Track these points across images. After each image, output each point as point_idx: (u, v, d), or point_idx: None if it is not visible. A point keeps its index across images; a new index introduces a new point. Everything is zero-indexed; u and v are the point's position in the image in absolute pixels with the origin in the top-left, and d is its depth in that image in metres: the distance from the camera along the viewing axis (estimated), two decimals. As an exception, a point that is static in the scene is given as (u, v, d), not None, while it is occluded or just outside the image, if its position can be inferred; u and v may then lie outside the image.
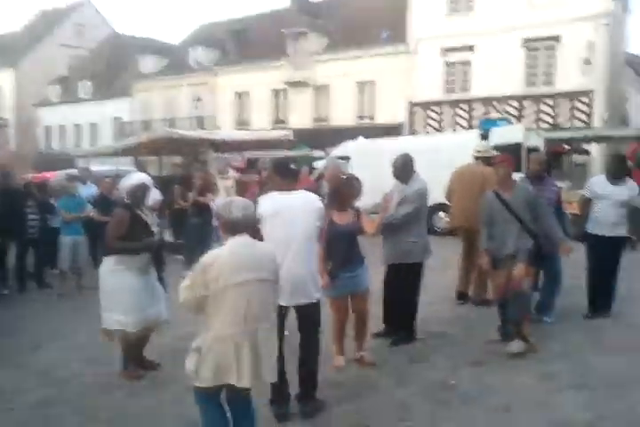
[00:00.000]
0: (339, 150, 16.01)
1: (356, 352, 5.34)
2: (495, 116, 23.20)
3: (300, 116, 29.36)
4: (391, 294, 5.95)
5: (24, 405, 4.86)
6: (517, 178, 6.16)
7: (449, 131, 24.61)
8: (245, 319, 3.39)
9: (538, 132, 14.80)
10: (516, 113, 24.09)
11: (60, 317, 7.84)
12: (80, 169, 13.36)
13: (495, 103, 24.50)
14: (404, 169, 5.83)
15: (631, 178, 6.75)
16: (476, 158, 7.52)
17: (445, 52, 25.61)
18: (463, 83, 25.78)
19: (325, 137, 23.49)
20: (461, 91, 25.86)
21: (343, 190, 5.16)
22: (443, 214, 13.30)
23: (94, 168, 14.41)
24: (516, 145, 12.19)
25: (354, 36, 28.10)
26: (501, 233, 5.52)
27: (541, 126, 22.25)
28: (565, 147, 17.04)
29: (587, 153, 18.27)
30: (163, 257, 6.05)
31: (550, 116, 23.74)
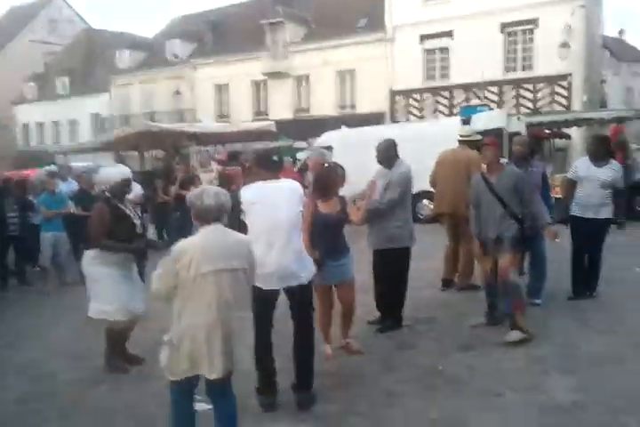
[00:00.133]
0: (321, 140, 15.91)
1: (342, 340, 5.32)
2: (476, 102, 23.25)
3: (281, 107, 29.19)
4: (381, 281, 5.92)
5: (3, 401, 4.80)
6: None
7: (430, 118, 24.61)
8: (217, 309, 3.35)
9: (519, 117, 14.81)
10: (496, 99, 24.14)
11: (42, 313, 7.74)
12: (59, 166, 13.22)
13: (475, 90, 24.52)
14: (387, 154, 5.80)
15: (614, 159, 6.70)
16: (460, 142, 7.47)
17: (423, 38, 25.59)
18: (443, 70, 25.78)
19: (307, 128, 23.39)
20: (441, 78, 25.87)
21: (326, 178, 5.09)
22: (427, 202, 13.31)
23: (74, 164, 14.25)
24: (498, 130, 12.19)
25: (331, 25, 27.96)
26: (485, 216, 5.50)
27: (522, 112, 22.30)
28: (546, 131, 17.09)
29: (567, 137, 18.33)
30: (146, 253, 5.97)
31: (530, 101, 23.82)
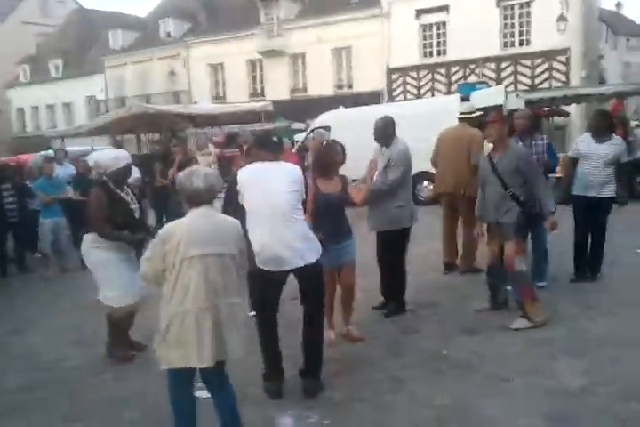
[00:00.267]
0: (319, 121, 15.81)
1: (343, 327, 5.28)
2: (473, 79, 23.07)
3: (278, 87, 28.95)
4: (384, 265, 5.86)
5: (6, 389, 4.80)
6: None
7: (428, 96, 24.43)
8: (206, 294, 3.26)
9: (518, 94, 14.68)
10: (493, 75, 23.95)
11: (44, 300, 7.74)
12: (56, 150, 13.11)
13: (473, 66, 24.30)
14: (385, 131, 5.70)
15: (616, 135, 6.53)
16: (460, 120, 7.35)
17: (419, 13, 25.28)
18: (440, 46, 25.53)
19: (304, 108, 23.22)
20: (438, 54, 25.63)
21: (325, 155, 5.02)
22: (426, 183, 13.25)
23: (70, 148, 14.15)
24: (498, 107, 12.07)
25: (325, 1, 27.69)
26: (487, 197, 5.38)
27: (519, 88, 22.14)
28: (544, 109, 16.96)
29: (566, 115, 18.18)
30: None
31: (528, 78, 23.62)
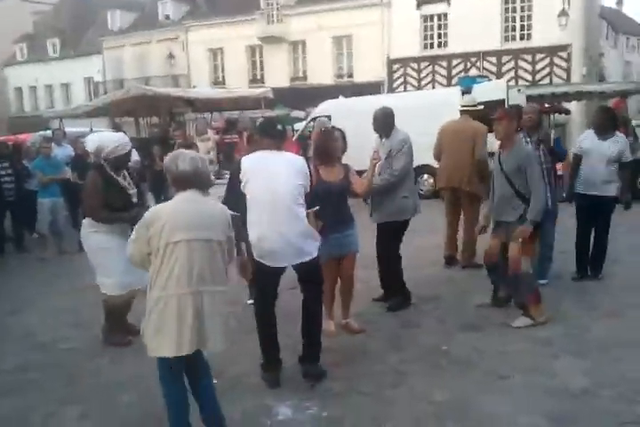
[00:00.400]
0: (319, 110, 15.75)
1: (342, 320, 5.25)
2: (474, 73, 22.98)
3: (277, 74, 28.78)
4: (384, 257, 5.82)
5: (3, 370, 4.77)
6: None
7: (428, 88, 24.35)
8: (188, 281, 3.19)
9: (520, 89, 14.62)
10: (494, 69, 23.89)
11: (41, 281, 7.70)
12: (54, 130, 13.00)
13: (474, 59, 24.22)
14: (385, 122, 5.64)
15: (620, 132, 6.48)
16: (462, 113, 7.29)
17: (420, 3, 25.17)
18: (441, 38, 25.43)
19: (304, 97, 23.11)
20: (439, 46, 25.54)
21: (324, 142, 4.96)
22: (426, 176, 13.22)
23: (69, 130, 14.02)
24: (499, 102, 12.03)
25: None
26: (495, 195, 5.31)
27: (520, 83, 22.08)
28: (545, 105, 16.92)
29: (567, 112, 18.16)
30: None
31: (529, 73, 23.58)
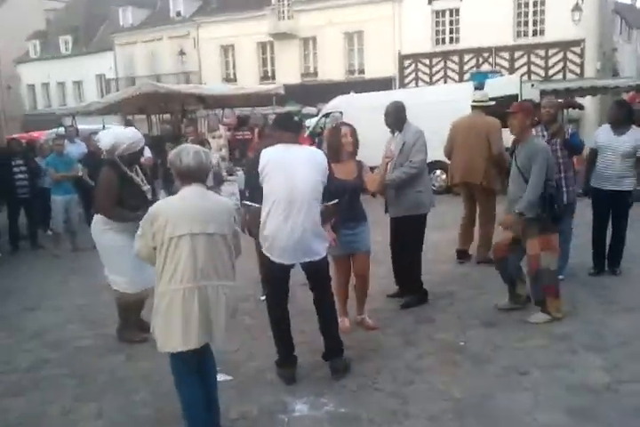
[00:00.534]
0: (331, 106, 15.71)
1: (357, 316, 5.24)
2: (487, 68, 22.85)
3: (288, 71, 28.77)
4: (399, 252, 5.78)
5: (18, 368, 4.78)
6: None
7: (440, 84, 24.23)
8: (193, 275, 3.19)
9: (533, 84, 14.50)
10: (507, 65, 23.74)
11: (56, 278, 7.75)
12: (67, 127, 13.05)
13: (486, 55, 24.07)
14: (397, 116, 5.58)
15: (637, 126, 6.33)
16: (473, 108, 7.22)
17: (432, -1, 25.00)
18: (452, 33, 25.29)
19: (315, 93, 23.11)
20: (451, 42, 25.40)
21: (331, 138, 4.95)
22: (439, 172, 13.16)
23: (81, 127, 14.08)
24: (513, 97, 11.92)
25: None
26: (511, 189, 5.22)
27: (533, 78, 21.94)
28: (559, 101, 16.77)
29: (581, 108, 17.99)
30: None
31: (542, 68, 23.41)
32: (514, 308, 5.34)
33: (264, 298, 4.63)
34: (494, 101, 7.49)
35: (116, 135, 5.10)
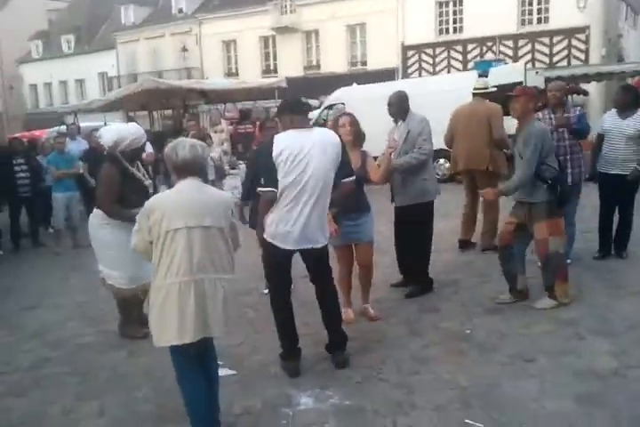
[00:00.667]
0: (333, 97, 15.65)
1: (361, 305, 5.19)
2: (490, 57, 22.69)
3: (291, 64, 28.64)
4: (405, 241, 5.71)
5: (19, 367, 4.74)
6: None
7: (444, 74, 24.08)
8: (190, 268, 3.16)
9: (538, 71, 14.36)
10: (511, 53, 23.55)
11: (57, 276, 7.74)
12: (68, 125, 13.03)
13: (490, 44, 23.89)
14: (400, 105, 5.52)
15: None
16: (474, 95, 7.18)
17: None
18: (456, 23, 25.10)
19: (318, 85, 22.98)
20: (454, 31, 25.21)
21: (332, 129, 4.81)
22: (443, 160, 13.08)
23: (83, 124, 14.04)
24: (517, 85, 11.79)
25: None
26: (516, 174, 5.11)
27: (538, 66, 21.75)
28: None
29: (585, 94, 17.81)
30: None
31: (546, 56, 23.21)
32: (516, 298, 5.24)
33: (267, 291, 4.58)
34: (495, 88, 7.42)
35: (118, 131, 5.03)
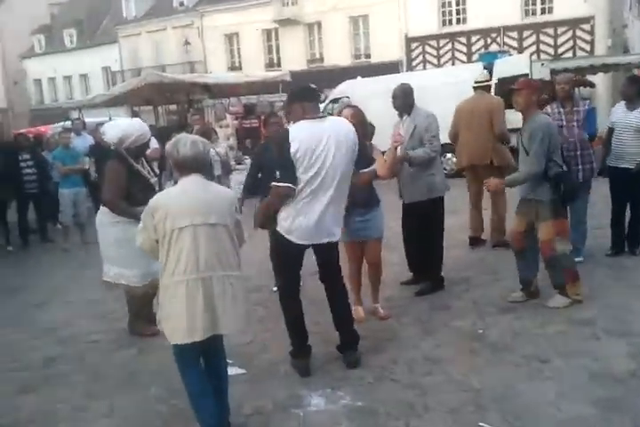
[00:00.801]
0: (337, 91, 15.56)
1: (371, 304, 5.13)
2: (495, 48, 22.53)
3: (294, 57, 28.48)
4: (414, 238, 5.65)
5: (29, 365, 4.72)
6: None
7: (448, 66, 23.95)
8: (197, 266, 3.15)
9: (543, 63, 14.25)
10: (515, 45, 23.39)
11: (66, 272, 7.74)
12: (73, 120, 12.99)
13: (494, 35, 23.72)
14: (405, 99, 5.45)
15: None
16: (475, 89, 7.15)
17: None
18: (459, 14, 24.93)
19: (321, 78, 22.76)
20: (458, 23, 25.04)
21: None
22: (450, 155, 12.98)
23: (88, 120, 14.01)
24: (523, 76, 11.69)
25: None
26: (520, 170, 5.01)
27: (542, 57, 21.62)
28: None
29: (592, 86, 17.69)
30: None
31: (551, 47, 23.06)
32: (528, 297, 5.17)
33: (277, 289, 4.53)
34: (506, 82, 7.38)
35: (123, 128, 4.98)
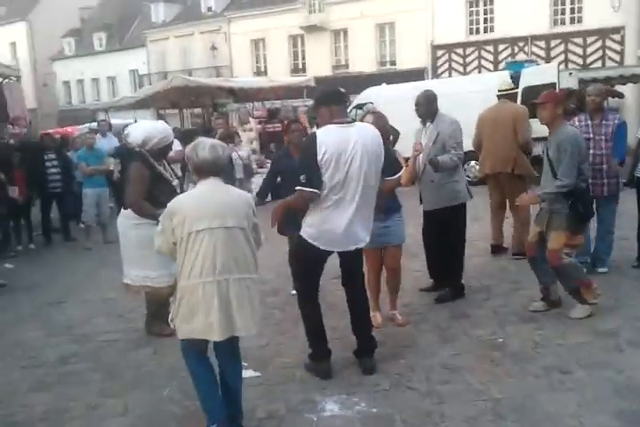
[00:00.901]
0: (362, 97, 15.53)
1: (390, 311, 5.08)
2: (522, 57, 22.36)
3: (319, 63, 28.54)
4: (434, 245, 5.59)
5: (44, 362, 4.73)
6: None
7: (474, 74, 23.82)
8: (213, 268, 3.16)
9: (571, 73, 14.08)
10: (543, 54, 23.20)
11: (86, 271, 7.80)
12: (99, 121, 13.13)
13: (521, 44, 23.56)
14: (428, 106, 5.39)
15: None
16: (499, 97, 7.07)
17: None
18: (487, 22, 24.81)
19: (346, 85, 22.69)
20: (485, 31, 24.91)
21: None
22: (474, 163, 12.89)
23: (114, 121, 14.13)
24: (550, 85, 11.58)
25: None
26: (542, 182, 4.98)
27: (570, 67, 21.40)
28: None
29: (620, 96, 17.46)
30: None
31: (579, 57, 22.82)
32: (550, 307, 5.07)
33: (294, 292, 4.50)
34: (532, 91, 7.32)
35: (146, 129, 4.98)
